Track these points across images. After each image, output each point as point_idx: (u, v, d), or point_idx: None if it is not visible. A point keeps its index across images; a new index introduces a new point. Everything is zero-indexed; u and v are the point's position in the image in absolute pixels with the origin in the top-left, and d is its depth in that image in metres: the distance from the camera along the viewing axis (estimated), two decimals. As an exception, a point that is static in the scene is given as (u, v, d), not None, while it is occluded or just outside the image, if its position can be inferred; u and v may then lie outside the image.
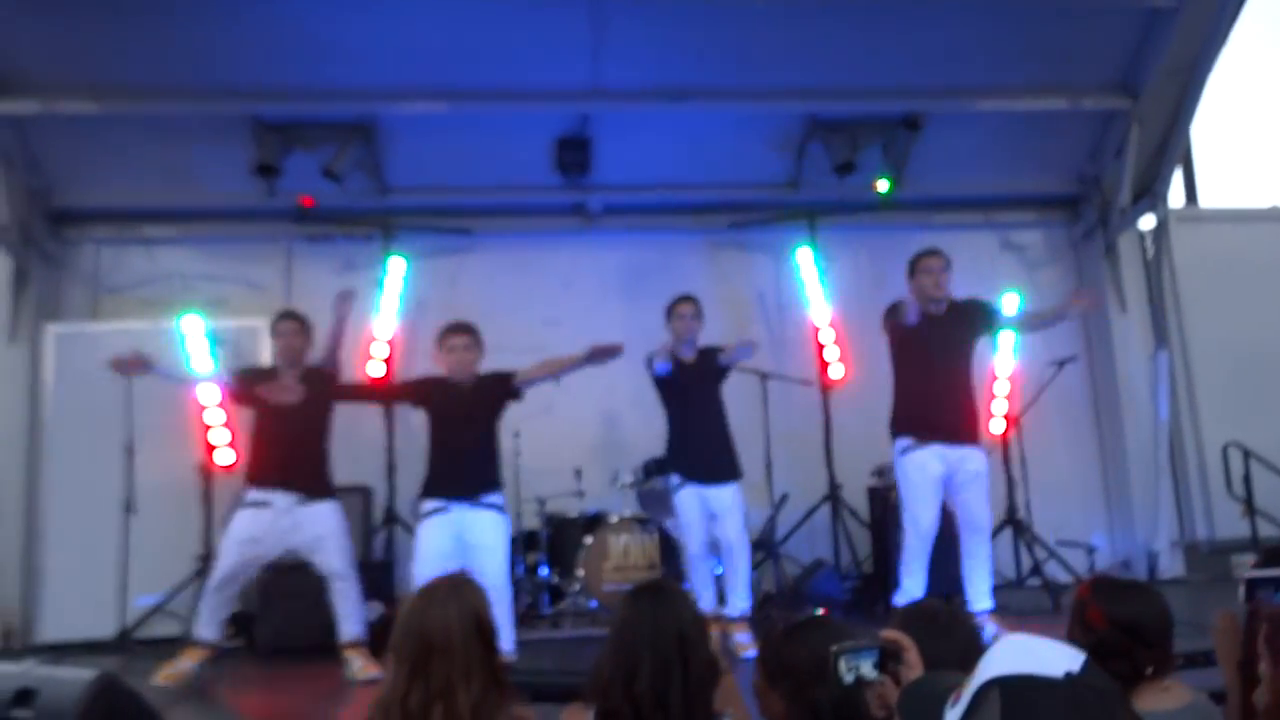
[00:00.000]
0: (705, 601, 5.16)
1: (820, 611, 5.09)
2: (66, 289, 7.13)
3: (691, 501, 5.23)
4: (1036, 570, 6.41)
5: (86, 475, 6.27)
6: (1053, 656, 1.13)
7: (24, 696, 1.88)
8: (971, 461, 4.94)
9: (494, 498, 4.98)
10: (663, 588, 2.24)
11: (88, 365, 6.39)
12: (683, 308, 5.40)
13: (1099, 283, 7.57)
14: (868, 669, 1.64)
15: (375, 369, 6.90)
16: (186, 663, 4.77)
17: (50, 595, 6.30)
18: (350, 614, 4.93)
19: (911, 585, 4.90)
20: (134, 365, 5.07)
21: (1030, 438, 6.94)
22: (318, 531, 4.93)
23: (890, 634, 1.71)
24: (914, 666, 1.65)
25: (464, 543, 4.81)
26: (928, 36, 6.54)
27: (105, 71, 6.31)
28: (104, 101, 6.40)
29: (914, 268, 5.11)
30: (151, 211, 7.21)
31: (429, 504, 4.92)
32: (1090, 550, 6.86)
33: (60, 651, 5.71)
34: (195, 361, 6.42)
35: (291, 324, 5.12)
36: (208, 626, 4.88)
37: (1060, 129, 7.32)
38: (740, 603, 5.22)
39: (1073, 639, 2.15)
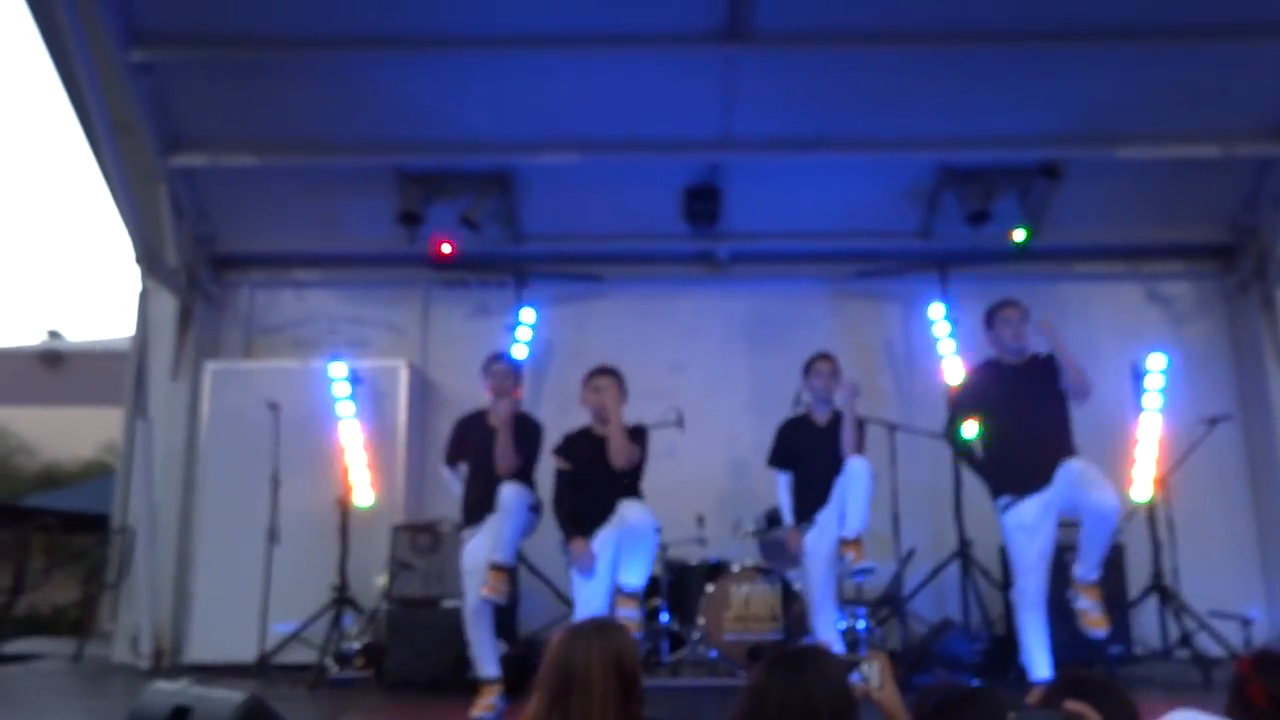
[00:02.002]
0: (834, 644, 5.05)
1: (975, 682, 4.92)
2: (224, 329, 7.63)
3: (817, 543, 5.10)
4: (1186, 641, 6.02)
5: (236, 504, 6.64)
6: None
7: (180, 714, 2.03)
8: (1067, 471, 4.61)
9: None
10: (805, 658, 2.03)
11: (241, 400, 6.81)
12: (820, 365, 5.31)
13: (1255, 337, 7.17)
14: None
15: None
16: (489, 699, 4.85)
17: (198, 618, 6.66)
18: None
19: (1036, 651, 4.66)
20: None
21: (1179, 500, 6.56)
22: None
23: (1076, 707, 1.65)
24: None
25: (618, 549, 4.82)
26: (1067, 82, 6.38)
27: (264, 128, 6.78)
28: (263, 155, 6.86)
29: (992, 319, 4.97)
30: (302, 257, 7.68)
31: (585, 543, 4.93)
32: (1246, 622, 6.39)
33: (205, 673, 6.00)
34: (338, 401, 6.76)
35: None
36: (485, 664, 4.93)
37: (1212, 176, 7.00)
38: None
39: (1231, 717, 2.03)
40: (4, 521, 8.75)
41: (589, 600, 4.76)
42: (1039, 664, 4.60)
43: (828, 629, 5.09)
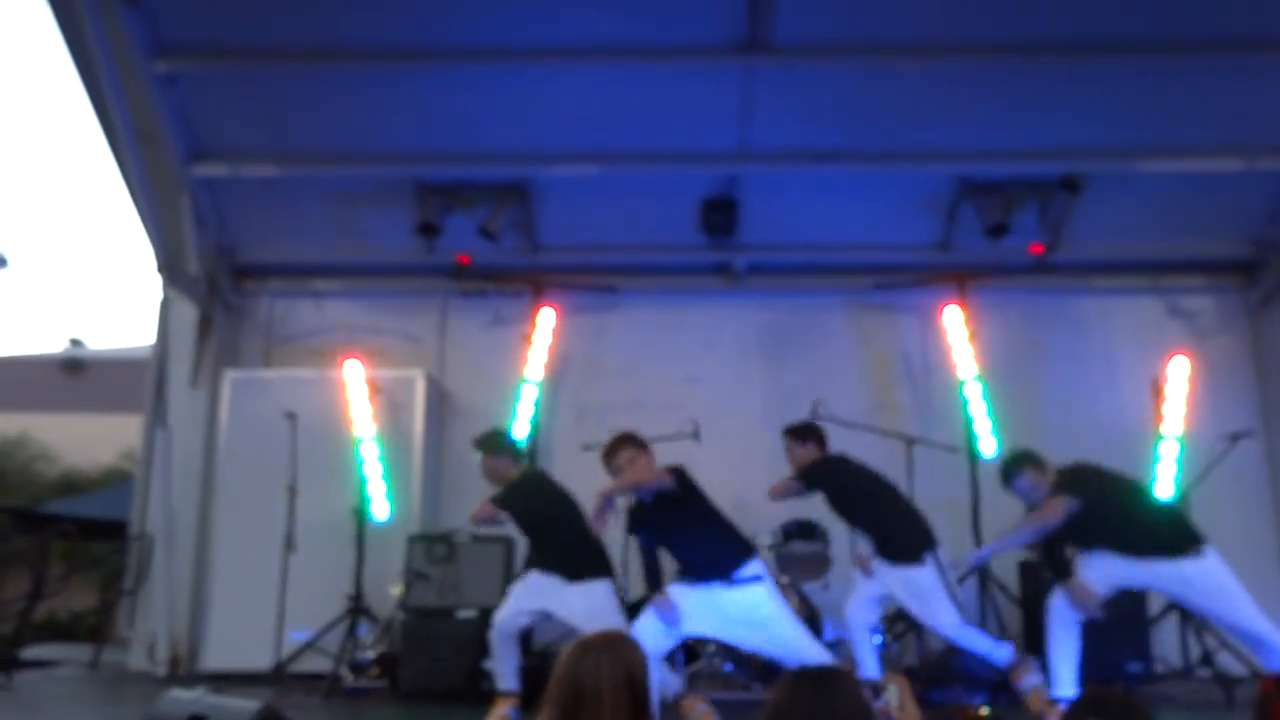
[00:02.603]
0: (870, 670, 5.07)
1: (984, 710, 4.88)
2: (244, 338, 7.68)
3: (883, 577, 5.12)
4: (1207, 660, 5.95)
5: (253, 513, 6.66)
6: None
7: (195, 722, 2.04)
8: (1170, 577, 4.66)
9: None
10: (827, 676, 2.05)
11: (259, 409, 6.84)
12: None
13: (1277, 352, 7.11)
14: None
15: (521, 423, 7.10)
16: (503, 710, 4.84)
17: (215, 626, 6.67)
18: None
19: (1064, 669, 4.60)
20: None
21: (1199, 516, 6.46)
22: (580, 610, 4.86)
23: None
24: None
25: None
26: (1087, 95, 6.35)
27: (285, 139, 6.84)
28: (284, 166, 6.91)
29: None
30: (321, 267, 7.72)
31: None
32: (1269, 642, 6.31)
33: (220, 681, 6.01)
34: (356, 409, 6.78)
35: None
36: (506, 677, 4.90)
37: (1234, 190, 6.94)
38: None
39: (1254, 736, 2.00)
40: (23, 528, 8.82)
41: (646, 637, 4.35)
42: (1065, 682, 4.55)
43: (865, 647, 5.14)
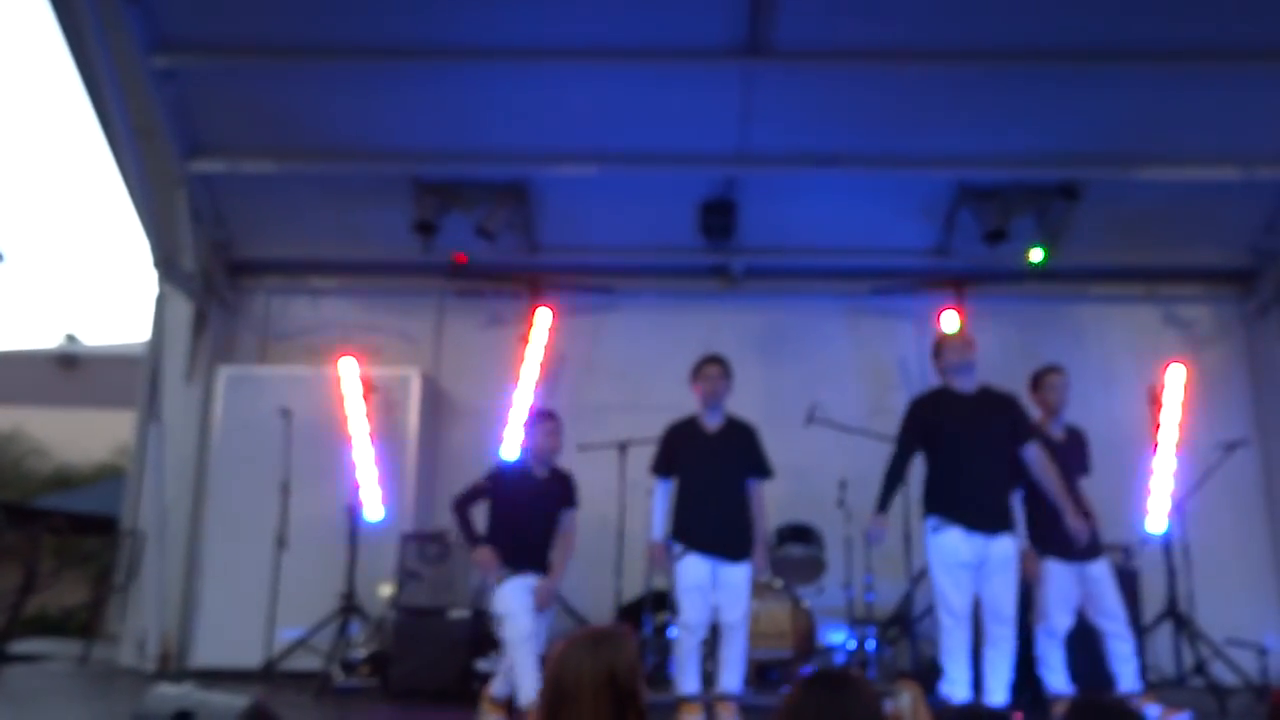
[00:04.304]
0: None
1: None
2: (239, 334, 7.66)
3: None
4: (1200, 669, 5.95)
5: (245, 510, 6.64)
6: None
7: (183, 718, 2.02)
8: (998, 547, 4.66)
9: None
10: (840, 679, 2.03)
11: (253, 406, 6.82)
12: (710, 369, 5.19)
13: (1274, 361, 7.12)
14: None
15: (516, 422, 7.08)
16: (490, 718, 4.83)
17: (205, 623, 6.64)
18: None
19: (955, 672, 4.61)
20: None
21: (1194, 526, 6.49)
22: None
23: None
24: None
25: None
26: (1086, 102, 6.35)
27: (283, 135, 6.81)
28: (281, 162, 6.89)
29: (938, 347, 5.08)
30: (318, 264, 7.69)
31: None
32: (1262, 651, 6.31)
33: (210, 678, 5.97)
34: (350, 406, 6.76)
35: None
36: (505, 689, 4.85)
37: (1232, 199, 6.95)
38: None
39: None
40: (15, 522, 8.76)
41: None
42: (958, 680, 4.57)
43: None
